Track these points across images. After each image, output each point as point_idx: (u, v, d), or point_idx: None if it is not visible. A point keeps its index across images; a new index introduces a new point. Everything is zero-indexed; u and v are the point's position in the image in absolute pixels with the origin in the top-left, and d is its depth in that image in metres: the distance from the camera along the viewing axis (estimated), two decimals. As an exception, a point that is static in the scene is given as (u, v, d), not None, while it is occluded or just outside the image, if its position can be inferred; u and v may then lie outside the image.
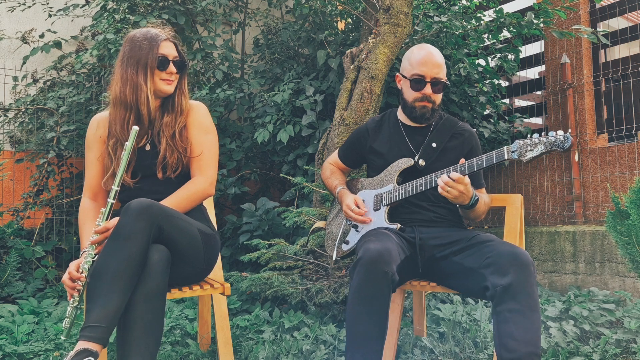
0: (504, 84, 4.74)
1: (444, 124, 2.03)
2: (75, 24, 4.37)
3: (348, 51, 3.25)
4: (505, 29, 3.76)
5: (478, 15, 3.91)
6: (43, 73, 4.19)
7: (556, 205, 3.90)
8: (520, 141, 1.69)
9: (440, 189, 1.77)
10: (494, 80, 4.24)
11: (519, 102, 5.02)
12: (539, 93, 4.68)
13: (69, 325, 1.66)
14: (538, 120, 5.00)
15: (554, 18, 3.57)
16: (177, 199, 1.81)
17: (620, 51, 3.87)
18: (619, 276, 3.24)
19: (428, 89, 1.94)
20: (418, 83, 1.94)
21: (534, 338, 1.54)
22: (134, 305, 1.54)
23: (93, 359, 1.43)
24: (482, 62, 4.22)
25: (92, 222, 1.80)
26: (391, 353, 2.01)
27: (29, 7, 4.13)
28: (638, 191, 2.19)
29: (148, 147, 1.89)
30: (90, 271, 1.60)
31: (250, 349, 2.27)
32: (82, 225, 1.85)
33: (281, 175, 3.57)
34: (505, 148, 1.71)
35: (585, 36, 3.45)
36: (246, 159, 4.16)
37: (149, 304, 1.56)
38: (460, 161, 1.80)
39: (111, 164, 1.86)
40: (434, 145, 1.98)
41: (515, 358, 1.52)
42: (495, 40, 4.08)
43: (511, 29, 3.74)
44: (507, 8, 4.33)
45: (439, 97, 1.98)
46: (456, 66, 3.91)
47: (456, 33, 3.80)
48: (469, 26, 3.84)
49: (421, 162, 1.95)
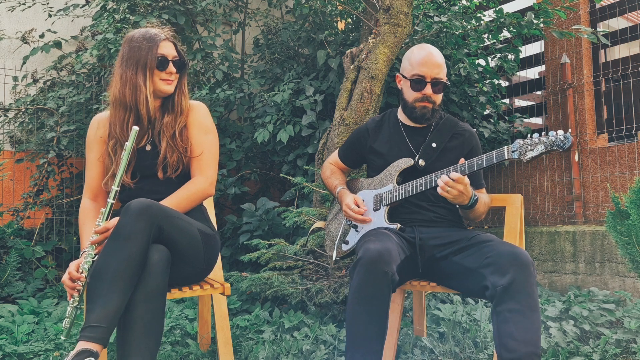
0: (504, 84, 4.74)
1: (444, 124, 2.03)
2: (75, 24, 4.37)
3: (348, 51, 3.25)
4: (505, 29, 3.76)
5: (478, 15, 3.91)
6: (43, 73, 4.19)
7: (556, 205, 3.90)
8: (521, 141, 1.69)
9: (440, 188, 1.77)
10: (494, 80, 4.24)
11: (519, 102, 5.02)
12: (539, 93, 4.68)
13: (68, 325, 1.66)
14: (538, 120, 5.00)
15: (554, 18, 3.57)
16: (177, 199, 1.81)
17: (620, 51, 3.87)
18: (619, 276, 3.24)
19: (428, 90, 1.94)
20: (418, 83, 1.94)
21: (534, 338, 1.54)
22: (134, 305, 1.54)
23: (94, 359, 1.43)
24: (482, 62, 4.22)
25: (92, 222, 1.80)
26: (391, 353, 2.01)
27: (29, 7, 4.13)
28: (638, 191, 2.19)
29: (148, 147, 1.89)
30: (90, 271, 1.60)
31: (250, 349, 2.27)
32: (82, 226, 1.85)
33: (281, 175, 3.57)
34: (505, 148, 1.71)
35: (585, 36, 3.45)
36: (246, 159, 4.16)
37: (149, 304, 1.56)
38: (460, 161, 1.80)
39: (111, 165, 1.86)
40: (434, 145, 1.98)
41: (515, 358, 1.52)
42: (495, 40, 4.08)
43: (511, 29, 3.74)
44: (507, 8, 4.33)
45: (439, 98, 1.98)
46: (456, 66, 3.91)
47: (456, 33, 3.80)
48: (469, 26, 3.84)
49: (421, 162, 1.95)
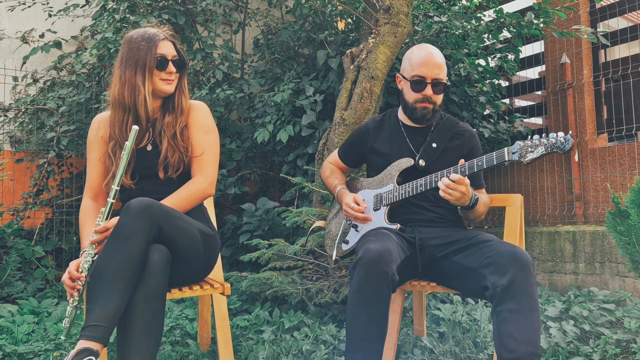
0: (504, 84, 4.74)
1: (444, 124, 2.03)
2: (75, 24, 4.37)
3: (348, 51, 3.25)
4: (505, 29, 3.76)
5: (478, 15, 3.91)
6: (43, 73, 4.19)
7: (556, 205, 3.90)
8: (521, 142, 1.69)
9: (442, 192, 1.76)
10: (494, 80, 4.24)
11: (519, 102, 5.02)
12: (539, 93, 4.68)
13: (68, 325, 1.66)
14: (538, 121, 5.00)
15: (554, 18, 3.57)
16: (177, 199, 1.80)
17: (620, 51, 3.87)
18: (619, 276, 3.24)
19: (429, 90, 1.93)
20: (418, 84, 1.94)
21: (534, 338, 1.54)
22: (134, 305, 1.54)
23: (94, 358, 1.43)
24: (482, 62, 4.22)
25: (93, 222, 1.80)
26: (391, 353, 2.01)
27: (29, 7, 4.13)
28: (638, 191, 2.19)
29: (149, 147, 1.89)
30: (90, 271, 1.60)
31: (250, 349, 2.27)
32: (83, 225, 1.85)
33: (281, 175, 3.57)
34: (505, 149, 1.71)
35: (585, 36, 3.45)
36: (246, 159, 4.16)
37: (149, 304, 1.56)
38: (460, 162, 1.79)
39: (112, 166, 1.86)
40: (435, 145, 1.98)
41: (515, 358, 1.52)
42: (495, 40, 4.08)
43: (511, 29, 3.74)
44: (507, 8, 4.33)
45: (439, 98, 1.98)
46: (456, 66, 3.91)
47: (456, 33, 3.80)
48: (469, 26, 3.84)
49: (421, 163, 1.95)
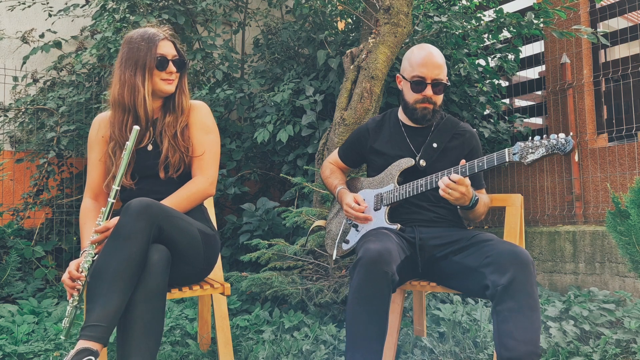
0: (504, 84, 4.74)
1: (445, 124, 2.03)
2: (75, 24, 4.37)
3: (348, 51, 3.25)
4: (505, 29, 3.76)
5: (478, 15, 3.91)
6: (43, 73, 4.19)
7: (556, 205, 3.90)
8: (522, 143, 1.69)
9: (442, 191, 1.76)
10: (494, 80, 4.24)
11: (519, 102, 5.02)
12: (539, 93, 4.68)
13: (68, 325, 1.66)
14: (538, 121, 5.00)
15: (554, 18, 3.57)
16: (178, 199, 1.80)
17: (620, 51, 3.87)
18: (619, 276, 3.24)
19: (429, 91, 1.93)
20: (418, 85, 1.93)
21: (534, 337, 1.54)
22: (134, 305, 1.54)
23: (93, 358, 1.43)
24: (482, 62, 4.22)
25: (93, 222, 1.80)
26: (391, 353, 2.01)
27: (29, 7, 4.13)
28: (638, 191, 2.19)
29: (150, 147, 1.89)
30: (90, 271, 1.60)
31: (250, 349, 2.27)
32: (83, 225, 1.85)
33: (281, 175, 3.57)
34: (506, 150, 1.71)
35: (585, 36, 3.45)
36: (246, 159, 4.16)
37: (149, 304, 1.56)
38: (460, 162, 1.79)
39: (112, 166, 1.86)
40: (435, 145, 1.98)
41: (514, 357, 1.52)
42: (495, 40, 4.08)
43: (511, 29, 3.74)
44: (507, 8, 4.33)
45: (439, 98, 1.98)
46: (456, 66, 3.91)
47: (456, 33, 3.80)
48: (469, 26, 3.84)
49: (422, 163, 1.95)
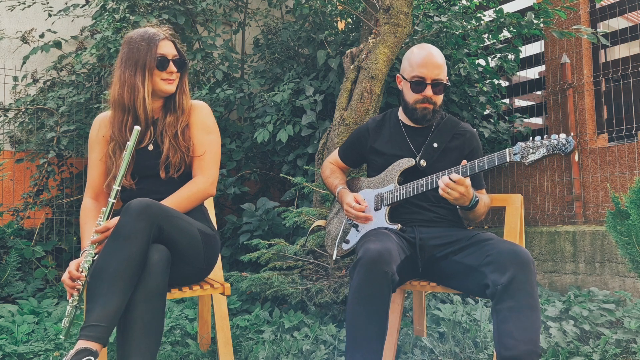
0: (504, 84, 4.74)
1: (445, 124, 2.03)
2: (75, 24, 4.37)
3: (348, 51, 3.25)
4: (505, 29, 3.76)
5: (478, 15, 3.91)
6: (43, 73, 4.19)
7: (556, 205, 3.90)
8: (523, 143, 1.69)
9: (441, 190, 1.76)
10: (494, 80, 4.24)
11: (519, 102, 5.02)
12: (539, 93, 4.68)
13: (68, 325, 1.66)
14: (538, 121, 5.00)
15: (554, 18, 3.57)
16: (178, 199, 1.80)
17: (620, 51, 3.87)
18: (619, 276, 3.24)
19: (428, 91, 1.93)
20: (418, 85, 1.93)
21: (534, 337, 1.54)
22: (134, 305, 1.54)
23: (93, 358, 1.43)
24: (482, 62, 4.22)
25: (93, 222, 1.80)
26: (391, 353, 2.01)
27: (29, 7, 4.13)
28: (638, 191, 2.19)
29: (151, 147, 1.89)
30: (90, 271, 1.60)
31: (250, 349, 2.27)
32: (83, 225, 1.85)
33: (281, 175, 3.57)
34: (507, 150, 1.71)
35: (585, 36, 3.45)
36: (246, 159, 4.16)
37: (149, 304, 1.56)
38: (461, 162, 1.79)
39: (112, 167, 1.86)
40: (435, 145, 1.98)
41: (514, 356, 1.52)
42: (495, 40, 4.08)
43: (511, 29, 3.74)
44: (507, 8, 4.33)
45: (439, 99, 1.97)
46: (456, 66, 3.91)
47: (456, 33, 3.80)
48: (469, 26, 3.84)
49: (422, 163, 1.95)
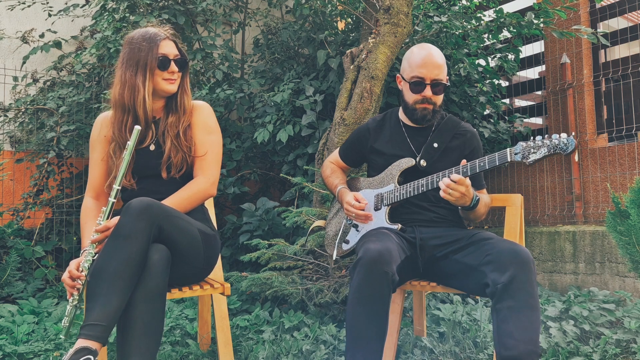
0: (504, 84, 4.74)
1: (445, 124, 2.03)
2: (75, 24, 4.37)
3: (348, 51, 3.25)
4: (505, 29, 3.76)
5: (478, 15, 3.91)
6: (43, 73, 4.19)
7: (556, 205, 3.90)
8: (523, 143, 1.68)
9: (442, 192, 1.76)
10: (494, 80, 4.24)
11: (519, 102, 5.02)
12: (539, 93, 4.68)
13: (68, 324, 1.66)
14: (538, 121, 5.00)
15: (554, 18, 3.57)
16: (178, 199, 1.80)
17: (620, 51, 3.87)
18: (619, 276, 3.24)
19: (428, 91, 1.92)
20: (418, 85, 1.92)
21: (533, 337, 1.54)
22: (134, 305, 1.54)
23: (92, 357, 1.43)
24: (482, 62, 4.22)
25: (94, 221, 1.80)
26: (391, 353, 2.01)
27: (29, 7, 4.13)
28: (638, 191, 2.19)
29: (152, 147, 1.89)
30: (90, 270, 1.60)
31: (250, 349, 2.26)
32: (84, 224, 1.85)
33: (281, 175, 3.57)
34: (508, 150, 1.71)
35: (585, 36, 3.45)
36: (246, 159, 4.16)
37: (149, 304, 1.56)
38: (462, 162, 1.79)
39: (113, 166, 1.86)
40: (436, 145, 1.98)
41: (514, 356, 1.52)
42: (495, 40, 4.08)
43: (511, 29, 3.74)
44: (507, 8, 4.33)
45: (439, 99, 1.97)
46: (456, 66, 3.91)
47: (456, 33, 3.80)
48: (469, 26, 3.84)
49: (422, 163, 1.94)
